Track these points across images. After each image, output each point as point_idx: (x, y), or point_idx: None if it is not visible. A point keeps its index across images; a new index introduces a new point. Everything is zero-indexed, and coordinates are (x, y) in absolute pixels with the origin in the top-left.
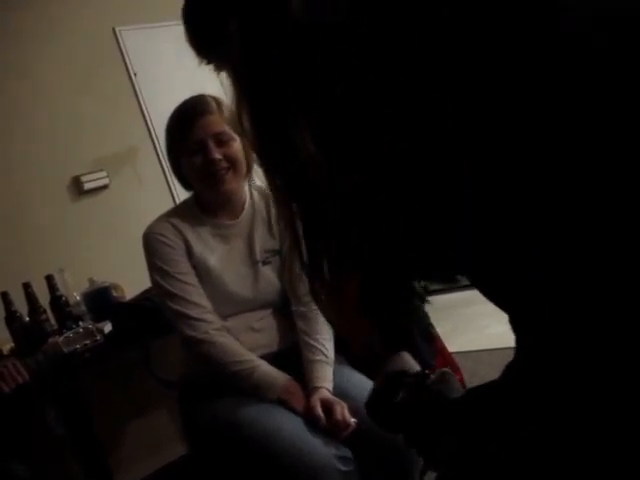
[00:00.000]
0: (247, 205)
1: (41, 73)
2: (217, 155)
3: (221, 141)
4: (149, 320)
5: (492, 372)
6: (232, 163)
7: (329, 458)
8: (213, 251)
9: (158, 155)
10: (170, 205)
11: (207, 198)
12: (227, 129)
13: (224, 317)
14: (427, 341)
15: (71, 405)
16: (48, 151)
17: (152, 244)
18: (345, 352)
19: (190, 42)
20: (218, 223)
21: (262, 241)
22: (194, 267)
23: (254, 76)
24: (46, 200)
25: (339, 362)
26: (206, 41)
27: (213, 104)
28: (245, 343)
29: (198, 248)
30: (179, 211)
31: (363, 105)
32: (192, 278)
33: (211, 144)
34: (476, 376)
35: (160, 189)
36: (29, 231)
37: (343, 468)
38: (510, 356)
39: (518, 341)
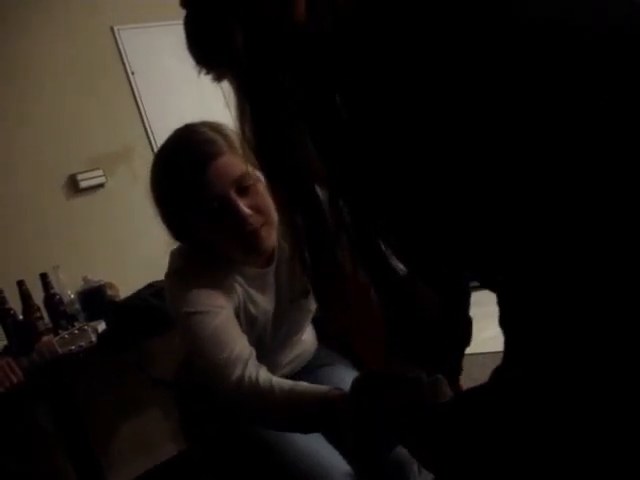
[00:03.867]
0: (277, 248)
1: (38, 71)
2: (247, 210)
3: (244, 188)
4: (143, 319)
5: (486, 375)
6: (265, 215)
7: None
8: (258, 306)
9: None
10: None
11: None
12: (247, 168)
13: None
14: None
15: (64, 404)
16: (44, 149)
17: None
18: (349, 355)
19: (192, 51)
20: (249, 274)
21: (291, 281)
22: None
23: (258, 83)
24: (42, 198)
25: (343, 365)
26: (209, 50)
27: (219, 139)
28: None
29: (245, 307)
30: (199, 269)
31: (363, 111)
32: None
33: (234, 197)
34: (469, 379)
35: None
36: (24, 229)
37: None
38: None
39: (507, 343)
